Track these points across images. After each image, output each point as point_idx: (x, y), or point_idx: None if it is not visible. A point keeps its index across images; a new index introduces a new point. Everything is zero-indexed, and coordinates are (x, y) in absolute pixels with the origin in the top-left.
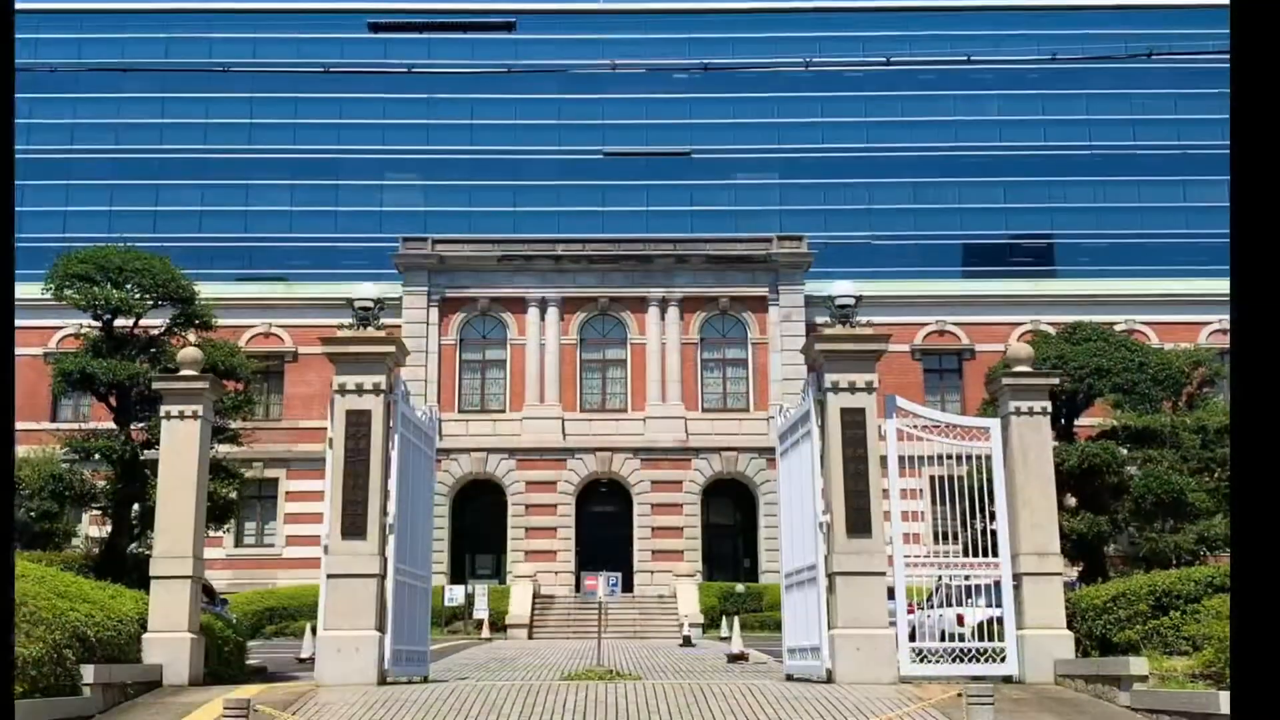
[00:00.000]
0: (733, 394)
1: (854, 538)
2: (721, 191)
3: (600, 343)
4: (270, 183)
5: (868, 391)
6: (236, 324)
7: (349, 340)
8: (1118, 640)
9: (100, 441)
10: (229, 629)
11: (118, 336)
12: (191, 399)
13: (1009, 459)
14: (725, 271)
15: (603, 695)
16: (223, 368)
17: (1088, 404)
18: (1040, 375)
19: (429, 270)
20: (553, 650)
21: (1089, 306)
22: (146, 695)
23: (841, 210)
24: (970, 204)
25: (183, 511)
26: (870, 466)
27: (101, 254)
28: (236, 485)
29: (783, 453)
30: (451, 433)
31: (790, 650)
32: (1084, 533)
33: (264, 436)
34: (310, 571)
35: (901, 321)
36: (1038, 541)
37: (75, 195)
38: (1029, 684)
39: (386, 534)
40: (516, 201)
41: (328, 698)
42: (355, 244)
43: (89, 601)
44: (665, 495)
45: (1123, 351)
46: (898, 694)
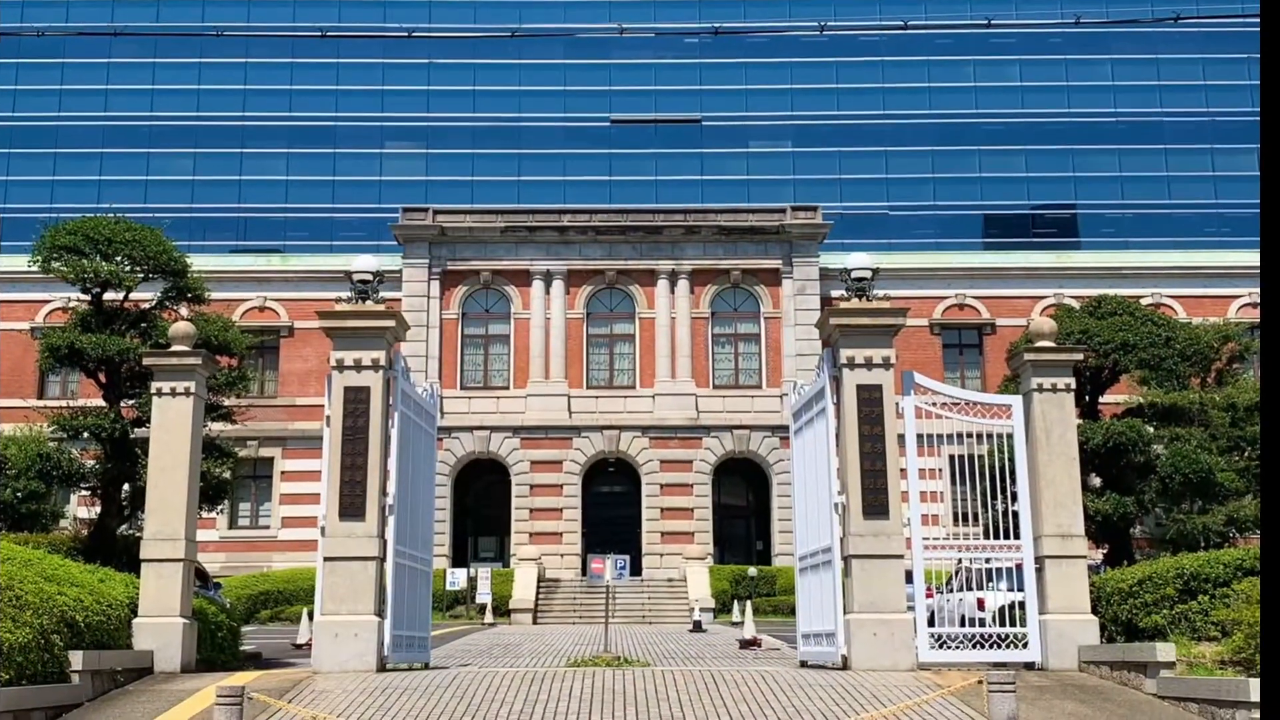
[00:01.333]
0: (745, 370)
1: (870, 519)
2: (733, 160)
3: (607, 317)
4: (265, 151)
5: (885, 367)
6: (230, 298)
7: (347, 314)
8: (1144, 625)
9: (89, 419)
10: (222, 614)
11: (107, 310)
12: (183, 375)
13: (1031, 437)
14: (737, 243)
15: (610, 683)
16: (216, 343)
17: (1113, 381)
18: (1064, 350)
19: (430, 242)
20: (558, 636)
21: (1114, 279)
22: (137, 682)
23: (857, 180)
24: (991, 173)
25: (175, 492)
26: (887, 445)
27: (90, 225)
28: (230, 465)
29: (796, 431)
30: (453, 410)
31: (804, 636)
32: (1109, 514)
33: (259, 414)
34: (307, 554)
35: (920, 295)
36: (1061, 523)
37: (63, 164)
38: (1052, 671)
39: (386, 515)
40: (521, 170)
41: (325, 685)
42: (353, 214)
43: (77, 585)
44: (675, 475)
45: (1149, 326)
46: (916, 681)
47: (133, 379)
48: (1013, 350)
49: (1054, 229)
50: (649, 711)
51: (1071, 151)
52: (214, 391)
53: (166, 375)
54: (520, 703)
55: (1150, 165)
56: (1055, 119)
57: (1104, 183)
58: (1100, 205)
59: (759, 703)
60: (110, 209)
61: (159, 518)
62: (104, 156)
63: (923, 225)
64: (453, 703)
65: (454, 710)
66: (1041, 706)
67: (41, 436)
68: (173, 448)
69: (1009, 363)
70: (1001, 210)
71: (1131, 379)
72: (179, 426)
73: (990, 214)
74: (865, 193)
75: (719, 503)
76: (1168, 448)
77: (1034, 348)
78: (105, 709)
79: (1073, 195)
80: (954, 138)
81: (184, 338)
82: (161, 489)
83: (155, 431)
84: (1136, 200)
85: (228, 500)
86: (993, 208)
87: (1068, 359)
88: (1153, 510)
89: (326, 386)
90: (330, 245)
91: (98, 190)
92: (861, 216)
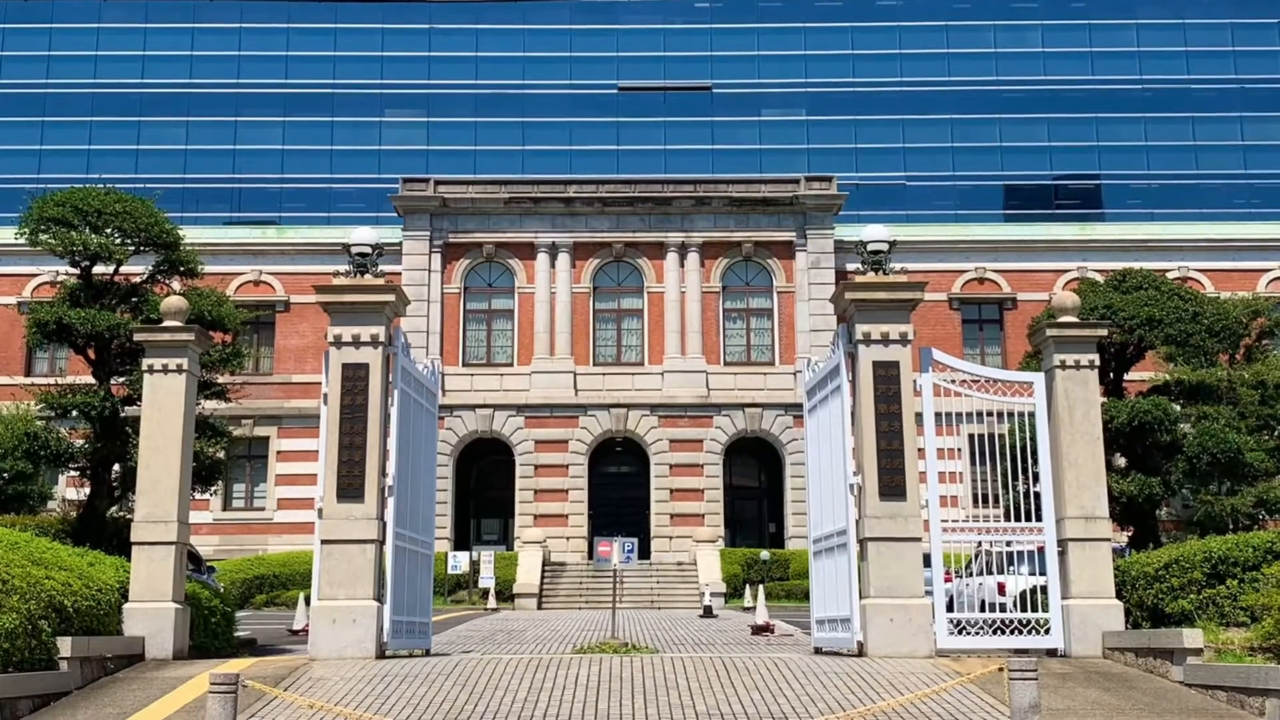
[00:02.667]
0: (757, 346)
1: (887, 501)
2: (745, 129)
3: (615, 291)
4: (260, 119)
5: (902, 343)
6: (224, 271)
7: (345, 289)
8: (1170, 611)
9: (78, 397)
10: (216, 599)
11: (97, 284)
12: (176, 351)
13: (1054, 416)
14: (749, 215)
15: (617, 670)
16: (209, 318)
17: (1138, 357)
18: (1087, 326)
19: (431, 213)
20: (563, 621)
21: (1139, 252)
22: (128, 669)
23: (874, 149)
24: (1012, 142)
25: (166, 473)
26: (905, 424)
27: (79, 196)
28: (224, 444)
29: (811, 409)
30: (455, 388)
31: (819, 621)
32: (1134, 495)
33: (254, 392)
34: (303, 537)
35: (938, 269)
36: (1084, 504)
37: (51, 133)
38: (1075, 658)
39: (385, 496)
40: (525, 140)
41: (322, 672)
42: (352, 185)
43: (66, 569)
44: (684, 455)
45: (1175, 301)
46: (934, 669)
47: (123, 355)
48: (1034, 326)
49: (1077, 200)
50: (657, 700)
51: (1095, 120)
52: (207, 368)
53: (158, 351)
54: (524, 690)
55: (1177, 134)
56: (1078, 86)
57: (1129, 152)
58: (1125, 175)
59: (771, 691)
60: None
61: (150, 499)
62: (93, 125)
63: (941, 196)
64: (454, 690)
65: (456, 698)
66: (1064, 695)
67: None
68: (165, 427)
69: (1030, 339)
70: (1023, 181)
71: (1157, 355)
72: (171, 405)
73: (1011, 185)
74: (882, 162)
75: (730, 484)
76: (1195, 426)
77: (1056, 323)
78: (95, 697)
79: (1097, 165)
80: (974, 105)
81: (176, 313)
82: (153, 469)
83: (146, 410)
84: (1163, 170)
85: (221, 481)
86: (1014, 178)
87: (1091, 335)
88: (1179, 491)
89: (324, 363)
90: (328, 217)
91: (87, 160)
92: (878, 187)
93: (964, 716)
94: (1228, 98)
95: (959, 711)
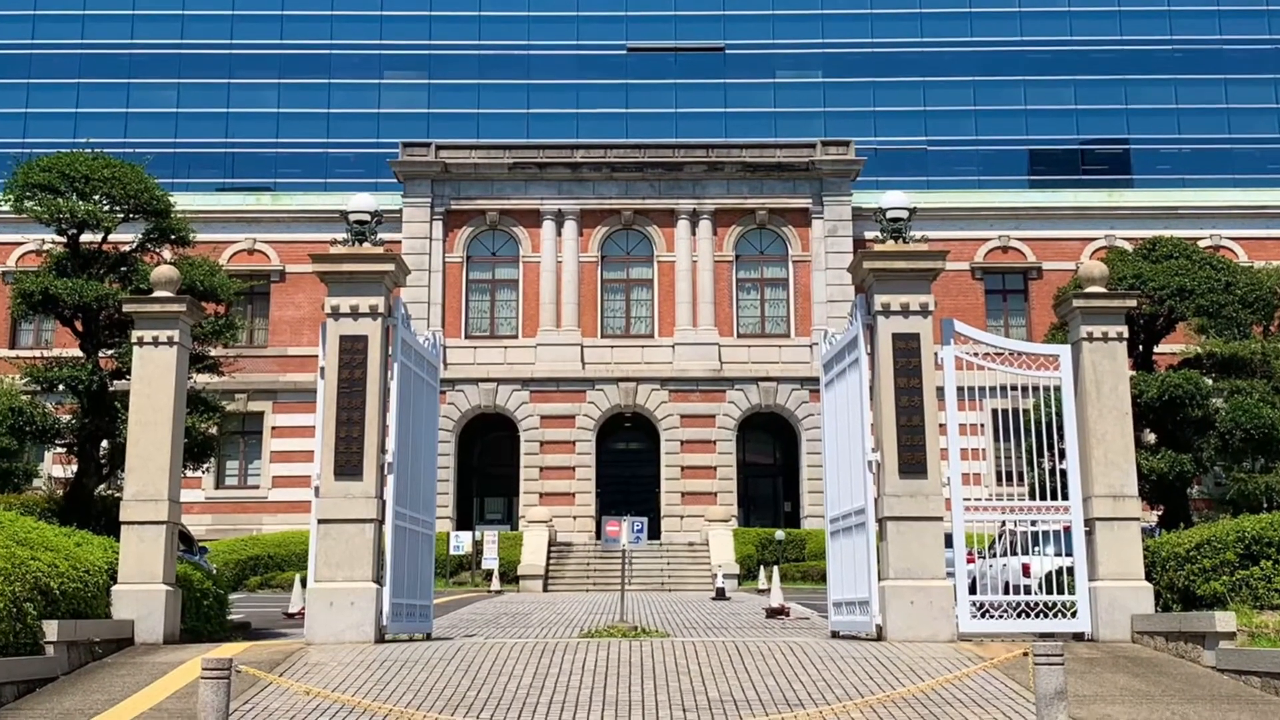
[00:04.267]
0: (771, 318)
1: (907, 478)
2: (759, 91)
3: (623, 260)
4: (255, 82)
5: (923, 315)
6: (217, 239)
7: (343, 258)
8: (1202, 593)
9: (65, 370)
10: (208, 580)
11: (84, 253)
12: (166, 323)
13: (1080, 390)
14: (763, 181)
15: (626, 655)
16: (201, 288)
17: (1168, 329)
18: (1115, 297)
19: (432, 179)
20: (570, 604)
21: (1170, 220)
22: (116, 654)
23: (893, 113)
24: (1037, 106)
25: (157, 449)
26: (925, 399)
27: (66, 161)
28: (217, 420)
29: (827, 383)
30: (457, 361)
31: (836, 604)
32: (1164, 473)
33: (248, 365)
34: (299, 516)
35: (960, 237)
36: (1112, 482)
37: (37, 95)
38: (1103, 642)
39: (385, 474)
40: (530, 103)
41: (319, 657)
42: (349, 150)
43: (52, 549)
44: (696, 431)
45: (1207, 270)
46: (956, 653)
47: (112, 327)
48: (1060, 296)
49: (1105, 166)
50: (668, 685)
51: (1124, 82)
52: (199, 341)
53: (148, 323)
54: (529, 676)
55: (1209, 96)
56: (1106, 47)
57: (1159, 115)
58: (1155, 140)
59: (786, 676)
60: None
61: (140, 477)
62: (81, 87)
63: (963, 162)
64: (456, 676)
65: (458, 684)
66: (1091, 680)
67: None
68: (155, 401)
69: (1056, 310)
70: (1048, 146)
71: (1188, 327)
72: (161, 378)
73: (1036, 150)
74: (901, 127)
75: (744, 461)
76: (1228, 401)
77: (1083, 294)
78: (82, 683)
79: (1125, 129)
80: (997, 67)
81: (167, 283)
82: (143, 446)
83: (136, 384)
84: (1194, 134)
85: (214, 458)
86: (1039, 143)
87: (1120, 306)
88: (1211, 469)
89: (321, 335)
90: (325, 183)
91: (74, 124)
92: (897, 152)
93: (987, 703)
94: (1262, 59)
95: (981, 698)
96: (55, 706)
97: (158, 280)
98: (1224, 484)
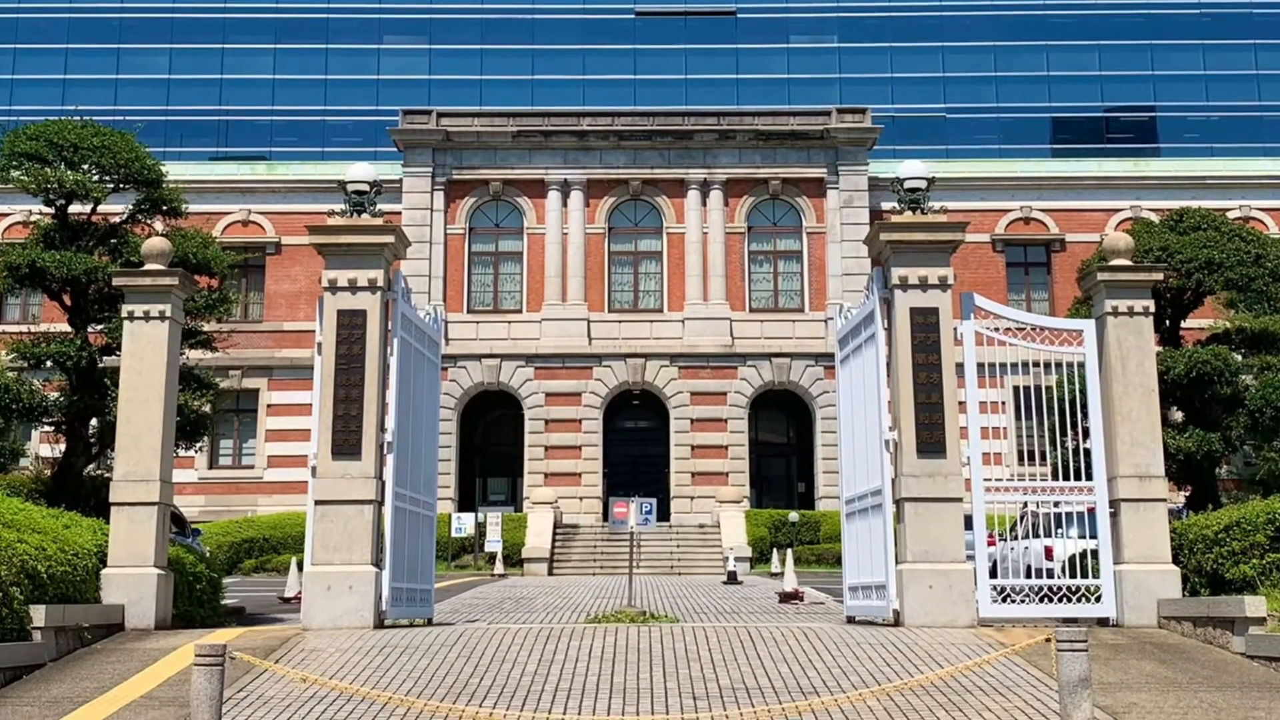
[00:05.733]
0: (785, 292)
1: (925, 458)
2: (772, 57)
3: (631, 232)
4: (249, 47)
5: (941, 288)
6: (210, 211)
7: (341, 229)
8: (1231, 577)
9: (53, 346)
10: (201, 564)
11: (73, 225)
12: (158, 297)
13: (1105, 366)
14: (776, 149)
15: (634, 640)
16: (194, 261)
17: (1196, 303)
18: (1141, 270)
19: (433, 148)
20: (576, 588)
21: (1197, 190)
22: (106, 640)
23: (911, 79)
24: (1060, 71)
25: (148, 428)
26: (944, 375)
27: (54, 129)
28: (210, 397)
29: (843, 360)
30: (460, 336)
31: (851, 588)
32: (1192, 452)
33: (242, 341)
34: (296, 497)
35: (980, 208)
36: (1138, 462)
37: (24, 61)
38: (1128, 627)
39: (384, 453)
40: (535, 69)
41: (316, 643)
42: (348, 118)
43: (39, 532)
44: (707, 409)
45: (1237, 242)
46: (976, 639)
47: (101, 301)
48: (1084, 269)
49: (1130, 134)
50: (678, 673)
51: (1150, 47)
52: (192, 315)
53: (139, 297)
54: (534, 663)
55: (1238, 62)
56: (1132, 11)
57: (1186, 82)
58: (1182, 107)
59: (801, 663)
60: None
61: (130, 456)
62: (69, 53)
63: (984, 130)
64: (458, 663)
65: (460, 671)
66: (1116, 667)
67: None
68: (146, 378)
69: (1080, 283)
70: (1072, 113)
71: (1217, 301)
72: (153, 355)
73: (1059, 117)
74: (919, 93)
75: (756, 440)
76: (1258, 378)
77: (1108, 266)
78: (70, 670)
79: (1152, 96)
80: (1018, 31)
81: (159, 255)
82: (133, 424)
83: (126, 360)
84: (1223, 101)
85: (207, 437)
86: (1062, 110)
87: (1146, 279)
88: (1241, 448)
89: (318, 310)
90: (322, 152)
91: (62, 91)
92: (915, 120)
93: (1008, 690)
94: None
95: (1003, 685)
96: (43, 694)
97: (149, 253)
98: (1254, 464)
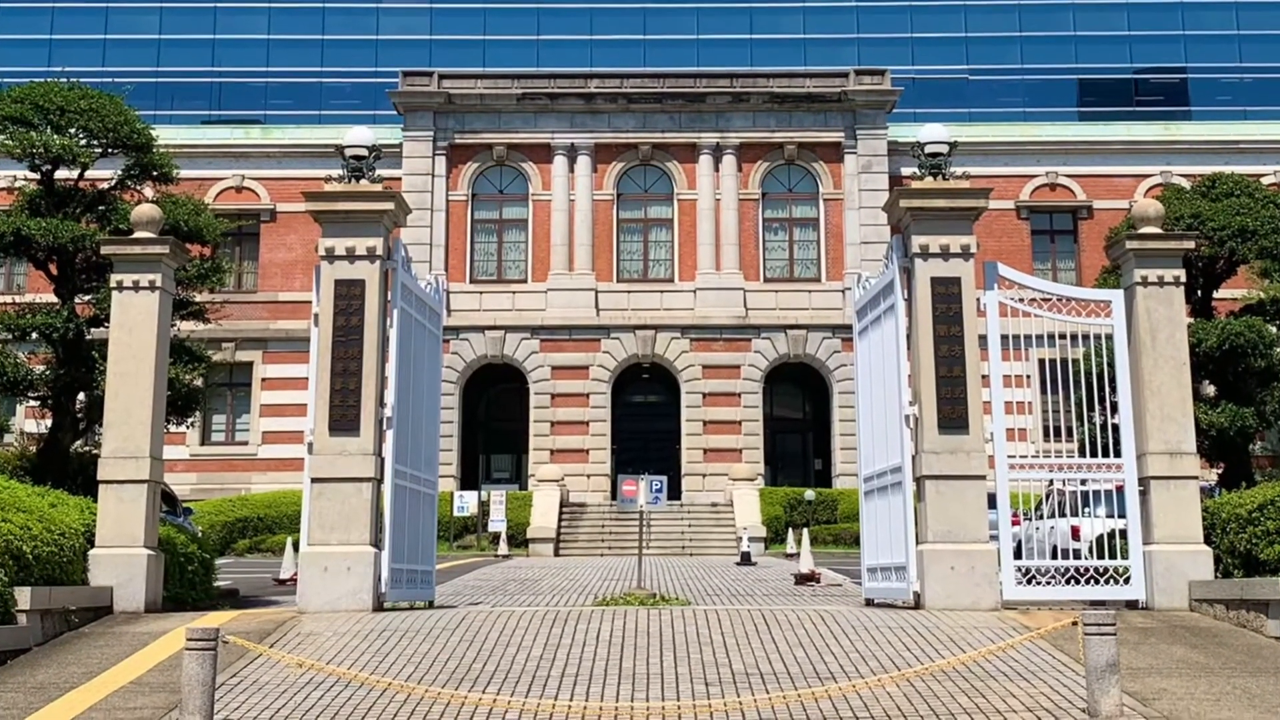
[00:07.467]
0: (801, 261)
1: (947, 434)
2: (787, 16)
3: (641, 198)
4: (243, 5)
5: (964, 257)
6: (202, 176)
7: (338, 196)
8: (1265, 558)
9: (38, 317)
10: (193, 544)
11: (60, 191)
12: (148, 266)
13: (1134, 339)
14: (792, 113)
15: (644, 624)
16: (186, 228)
17: (1229, 272)
18: (1172, 238)
19: (434, 111)
20: (583, 570)
21: (1230, 155)
22: (94, 624)
23: (932, 39)
24: (1087, 31)
25: (138, 403)
26: (967, 348)
27: (40, 92)
28: (202, 370)
29: (861, 331)
30: (462, 307)
31: (870, 570)
32: (1224, 427)
33: (236, 311)
34: (291, 475)
35: (1004, 173)
36: (1169, 438)
37: (8, 21)
38: (1158, 610)
39: (383, 429)
40: (540, 29)
41: (313, 627)
42: (345, 80)
43: (24, 510)
44: (719, 383)
45: (1271, 209)
46: (999, 622)
47: (89, 271)
48: (1113, 237)
49: (1160, 96)
50: (689, 657)
51: (1181, 5)
52: (183, 285)
53: (128, 266)
54: (539, 647)
55: (1273, 22)
56: None
57: (1218, 42)
58: (1214, 69)
59: (817, 647)
60: (63, 73)
61: (119, 432)
62: (55, 12)
63: (1008, 92)
64: (460, 647)
65: (462, 656)
66: (1145, 652)
67: None
68: (136, 351)
69: (1108, 252)
70: (1099, 75)
71: (1251, 271)
72: (143, 326)
73: (1086, 79)
74: (941, 55)
75: (771, 415)
76: None
77: (1137, 235)
78: (57, 654)
79: (1182, 57)
80: None
81: (148, 223)
82: (122, 399)
83: (115, 332)
84: (1256, 63)
85: (199, 412)
86: (1089, 72)
87: (1177, 248)
88: (1275, 423)
89: (314, 279)
90: (319, 115)
91: (48, 52)
92: (936, 82)
93: (1033, 676)
94: None
95: (1027, 670)
96: (28, 680)
97: (138, 220)
98: None
